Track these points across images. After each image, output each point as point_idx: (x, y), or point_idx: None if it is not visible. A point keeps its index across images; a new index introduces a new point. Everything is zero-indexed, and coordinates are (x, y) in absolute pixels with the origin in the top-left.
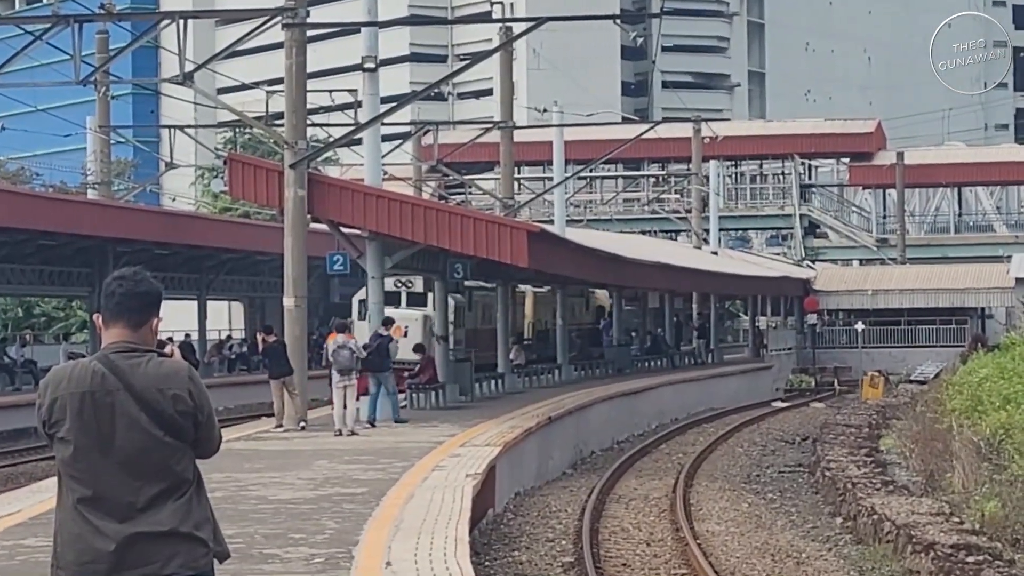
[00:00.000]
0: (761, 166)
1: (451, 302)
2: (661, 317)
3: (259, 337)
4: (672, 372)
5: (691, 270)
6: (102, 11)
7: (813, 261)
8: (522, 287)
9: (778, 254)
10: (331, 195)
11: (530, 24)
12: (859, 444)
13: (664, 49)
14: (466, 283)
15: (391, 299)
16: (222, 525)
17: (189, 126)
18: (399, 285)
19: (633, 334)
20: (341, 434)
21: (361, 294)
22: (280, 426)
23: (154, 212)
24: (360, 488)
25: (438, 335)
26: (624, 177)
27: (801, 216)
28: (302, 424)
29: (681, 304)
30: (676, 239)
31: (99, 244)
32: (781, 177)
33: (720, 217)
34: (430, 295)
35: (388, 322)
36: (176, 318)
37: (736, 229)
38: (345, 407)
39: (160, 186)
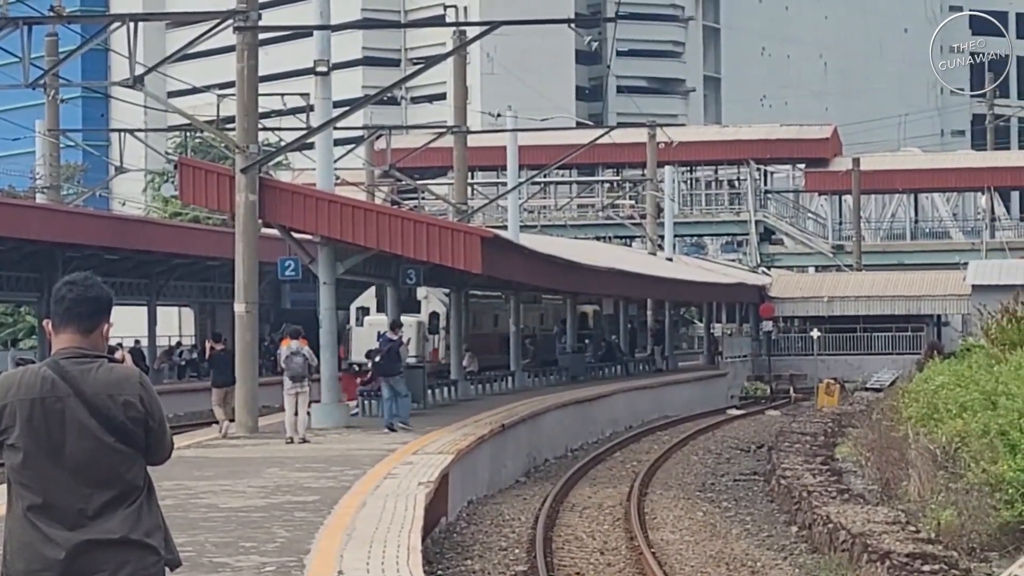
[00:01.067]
0: (716, 172)
1: (441, 309)
2: (615, 324)
3: (208, 345)
4: (626, 379)
5: (646, 276)
6: (52, 13)
7: (768, 267)
8: None
9: (733, 260)
10: (283, 200)
11: (484, 28)
12: (815, 452)
13: (619, 53)
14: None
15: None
16: (172, 533)
17: (139, 130)
18: None
19: (587, 341)
20: (292, 441)
21: (360, 301)
22: (224, 435)
23: (103, 217)
24: (312, 496)
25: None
26: (578, 182)
27: (756, 222)
28: (224, 432)
29: (636, 311)
30: (631, 245)
31: (48, 249)
32: (736, 183)
33: (675, 223)
34: (423, 302)
35: (396, 325)
36: (125, 324)
37: (691, 235)
38: (296, 414)
39: (110, 190)
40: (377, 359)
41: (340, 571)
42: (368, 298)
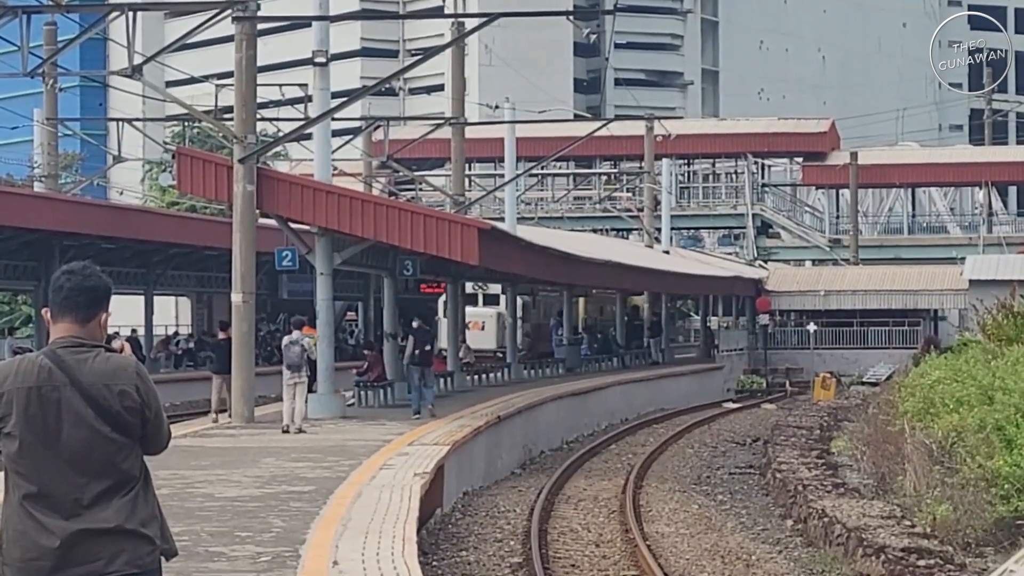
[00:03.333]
0: (714, 165)
1: (519, 301)
2: (612, 316)
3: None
4: (622, 372)
5: (642, 269)
6: (51, 3)
7: (765, 261)
8: None
9: (730, 254)
10: (280, 190)
11: (482, 20)
12: (810, 446)
13: (617, 46)
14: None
15: (470, 299)
16: (168, 522)
17: (137, 119)
18: (477, 288)
19: (583, 333)
20: (288, 431)
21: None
22: (216, 421)
23: (101, 206)
24: (307, 486)
25: (388, 333)
26: (576, 175)
27: (754, 216)
28: (213, 418)
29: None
30: (628, 238)
31: (45, 238)
32: (734, 176)
33: (672, 216)
34: (502, 297)
35: (424, 318)
36: (122, 313)
37: (688, 228)
38: (294, 403)
39: (107, 179)
40: (426, 348)
41: (335, 561)
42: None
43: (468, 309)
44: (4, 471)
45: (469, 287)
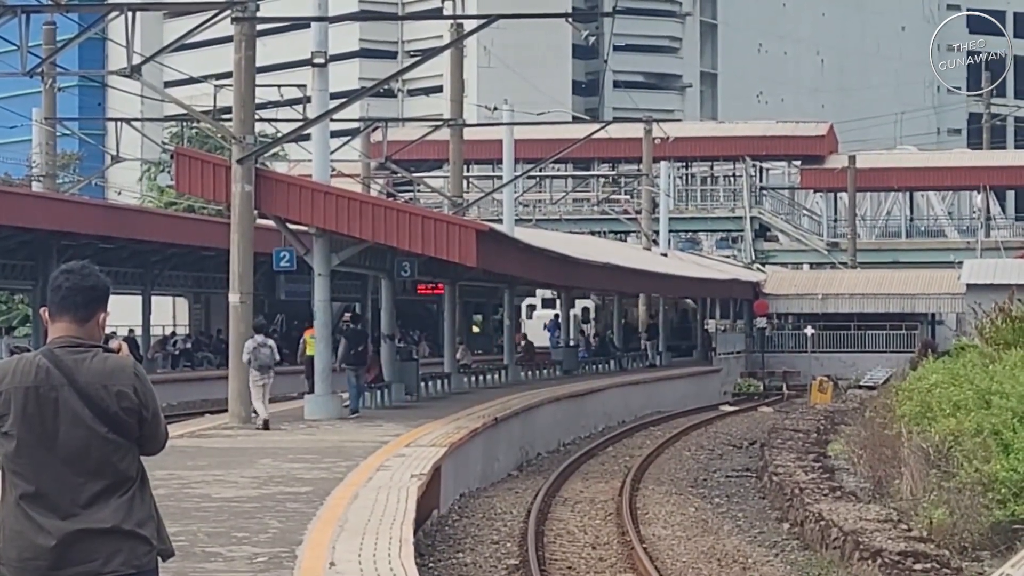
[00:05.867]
0: (712, 167)
1: (591, 304)
2: (609, 318)
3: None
4: (620, 374)
5: (640, 271)
6: (50, 2)
7: (763, 264)
8: None
9: (728, 256)
10: (278, 191)
11: (481, 21)
12: (807, 449)
13: (616, 48)
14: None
15: (549, 303)
16: (165, 523)
17: (136, 119)
18: (554, 293)
19: (580, 335)
20: (254, 421)
21: (528, 300)
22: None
23: (99, 206)
24: (304, 487)
25: (385, 334)
26: (574, 177)
27: (752, 218)
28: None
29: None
30: (626, 240)
31: (43, 237)
32: (732, 179)
33: (670, 218)
34: (578, 301)
35: (356, 319)
36: (120, 313)
37: (686, 231)
38: (261, 402)
39: (106, 179)
40: (359, 349)
41: (332, 562)
42: (534, 298)
43: (542, 311)
44: (1, 471)
45: (547, 292)
